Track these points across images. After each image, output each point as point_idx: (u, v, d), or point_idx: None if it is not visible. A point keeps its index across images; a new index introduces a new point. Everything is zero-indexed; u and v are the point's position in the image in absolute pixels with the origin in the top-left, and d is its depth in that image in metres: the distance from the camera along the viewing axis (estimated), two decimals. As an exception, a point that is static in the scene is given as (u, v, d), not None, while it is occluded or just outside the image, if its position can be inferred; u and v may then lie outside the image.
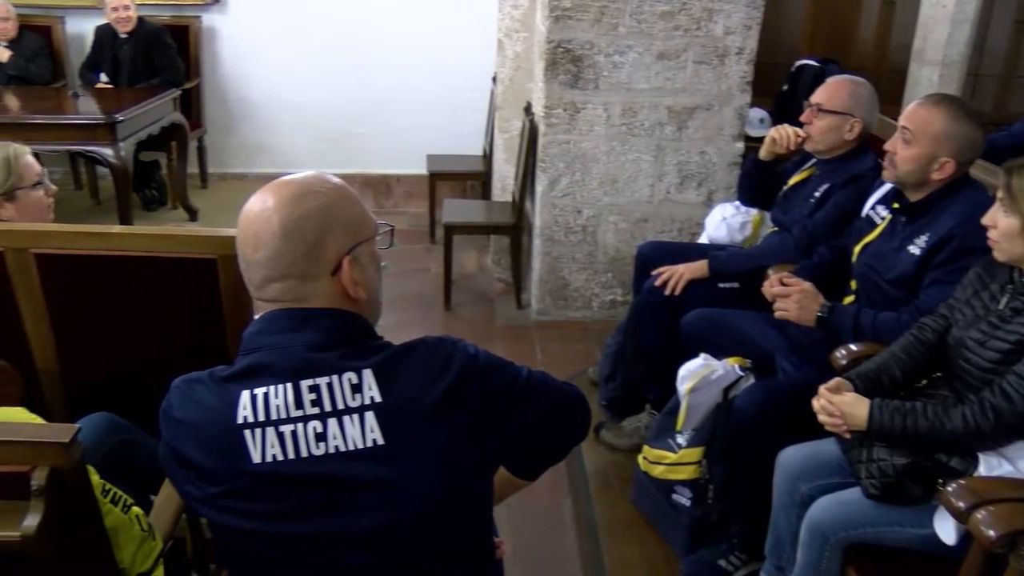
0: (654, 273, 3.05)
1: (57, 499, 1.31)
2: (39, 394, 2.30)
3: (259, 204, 1.27)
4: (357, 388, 1.23)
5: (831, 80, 2.94)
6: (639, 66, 3.89)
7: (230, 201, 5.77)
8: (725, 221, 3.48)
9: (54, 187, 2.60)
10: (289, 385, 1.23)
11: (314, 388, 1.23)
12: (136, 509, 1.66)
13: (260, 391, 1.23)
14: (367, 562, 1.26)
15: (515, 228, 4.40)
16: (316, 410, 1.23)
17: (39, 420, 1.59)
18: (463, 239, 4.66)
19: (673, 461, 2.64)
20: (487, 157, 5.35)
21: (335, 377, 1.24)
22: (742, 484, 2.48)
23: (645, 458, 2.76)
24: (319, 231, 1.26)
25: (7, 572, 1.36)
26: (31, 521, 1.29)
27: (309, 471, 1.22)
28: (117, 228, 2.20)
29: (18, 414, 1.61)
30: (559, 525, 2.92)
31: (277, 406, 1.23)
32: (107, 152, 4.53)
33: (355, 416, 1.23)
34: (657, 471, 2.70)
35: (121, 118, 4.51)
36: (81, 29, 5.91)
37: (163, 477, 1.90)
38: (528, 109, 4.33)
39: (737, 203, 3.49)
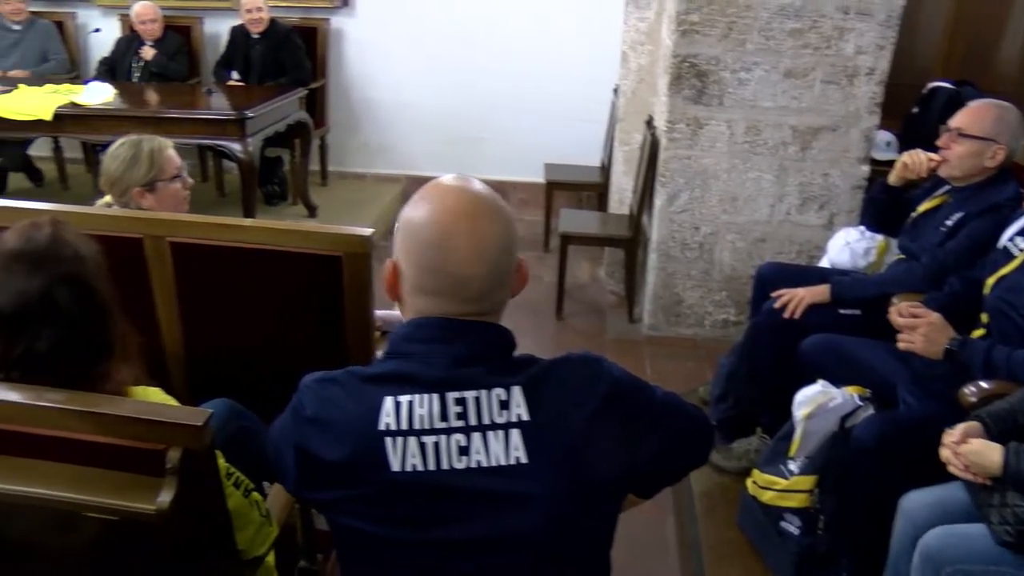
0: (773, 295, 2.99)
1: (188, 478, 1.35)
2: (165, 375, 2.38)
3: (470, 217, 1.25)
4: (505, 405, 1.23)
5: (975, 104, 2.82)
6: (765, 83, 3.82)
7: (349, 199, 5.92)
8: (849, 246, 3.39)
9: (191, 180, 2.71)
10: (436, 396, 1.23)
11: (460, 401, 1.23)
12: (256, 495, 1.71)
13: (405, 399, 1.23)
14: (492, 571, 1.26)
15: (631, 241, 4.38)
16: (461, 423, 1.22)
17: (174, 402, 1.65)
18: (577, 249, 4.66)
19: (784, 488, 2.58)
20: (605, 169, 5.33)
21: (483, 392, 1.23)
22: (855, 518, 2.40)
23: (754, 482, 2.71)
24: (515, 245, 1.30)
25: (140, 542, 1.41)
26: (164, 497, 1.33)
27: (448, 484, 1.22)
28: (249, 221, 2.27)
29: (156, 394, 1.67)
30: (661, 543, 2.88)
31: (421, 416, 1.22)
32: (235, 147, 4.68)
33: (500, 432, 1.22)
34: (766, 496, 2.64)
35: (250, 115, 4.66)
36: (217, 29, 6.15)
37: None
38: (650, 123, 4.30)
39: (862, 228, 3.39)
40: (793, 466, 2.57)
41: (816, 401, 2.53)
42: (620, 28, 4.75)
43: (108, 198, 2.64)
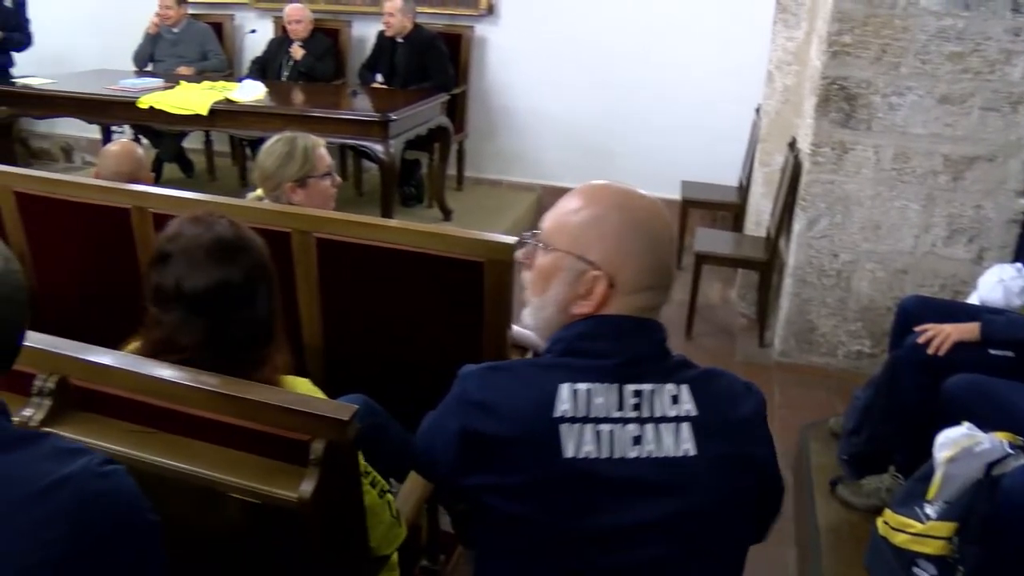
0: (917, 329, 2.87)
1: (329, 471, 1.38)
2: (303, 368, 2.45)
3: (660, 215, 1.37)
4: (675, 400, 1.30)
5: None
6: (918, 109, 3.68)
7: (483, 205, 5.98)
8: (1002, 283, 3.22)
9: (339, 179, 2.79)
10: (614, 386, 1.28)
11: (637, 393, 1.29)
12: (389, 496, 1.73)
13: (583, 387, 1.28)
14: (645, 558, 1.28)
15: (766, 265, 4.29)
16: (635, 414, 1.28)
17: (320, 393, 1.70)
18: (710, 269, 4.59)
19: (919, 532, 2.47)
20: (743, 189, 5.24)
21: (658, 386, 1.30)
22: (1002, 573, 2.28)
23: (886, 522, 2.60)
24: None
25: (278, 529, 1.45)
26: (307, 487, 1.37)
27: (620, 472, 1.26)
28: (394, 222, 2.32)
29: (304, 384, 1.72)
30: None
31: (598, 404, 1.27)
32: (378, 148, 4.79)
33: (671, 425, 1.28)
34: (899, 539, 2.53)
35: (394, 117, 4.77)
36: (364, 33, 6.34)
37: (406, 464, 2.00)
38: (793, 145, 4.21)
39: (1019, 265, 3.22)
40: (930, 510, 2.46)
41: (960, 444, 2.41)
42: (767, 47, 4.67)
43: (259, 191, 2.74)
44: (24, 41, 6.17)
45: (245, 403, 1.41)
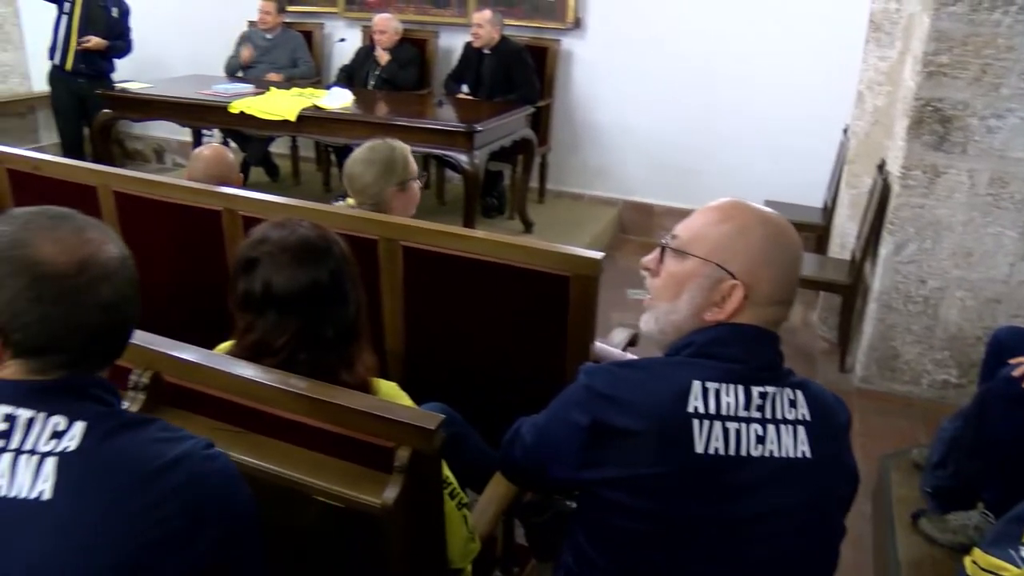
0: (1012, 362, 2.77)
1: (413, 479, 1.39)
2: (384, 373, 2.47)
3: (795, 233, 1.44)
4: (793, 404, 1.36)
5: None
6: (1019, 132, 3.56)
7: (565, 218, 5.98)
8: (1102, 317, 3.11)
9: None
10: (741, 387, 1.34)
11: (763, 395, 1.34)
12: (466, 510, 1.74)
13: (712, 385, 1.33)
14: (768, 552, 1.35)
15: (850, 288, 4.19)
16: (759, 415, 1.34)
17: (407, 398, 1.72)
18: (791, 290, 4.50)
19: None
20: (828, 211, 5.15)
21: (779, 390, 1.36)
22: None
23: (975, 562, 2.50)
24: None
25: (362, 534, 1.46)
26: (390, 493, 1.38)
27: (744, 469, 1.31)
28: (481, 233, 2.33)
29: (392, 388, 1.74)
30: (860, 609, 2.74)
31: (728, 403, 1.33)
32: (463, 158, 4.81)
33: (790, 427, 1.35)
34: (989, 580, 2.45)
35: (480, 128, 4.79)
36: (451, 43, 6.39)
37: (484, 475, 2.00)
38: (882, 167, 4.11)
39: (1120, 299, 3.11)
40: (1025, 551, 2.38)
41: (1057, 483, 2.33)
42: (857, 67, 4.58)
43: (351, 200, 2.77)
44: (125, 48, 6.41)
45: (332, 407, 1.43)
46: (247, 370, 1.55)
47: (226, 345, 1.75)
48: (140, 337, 1.57)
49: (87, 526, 1.11)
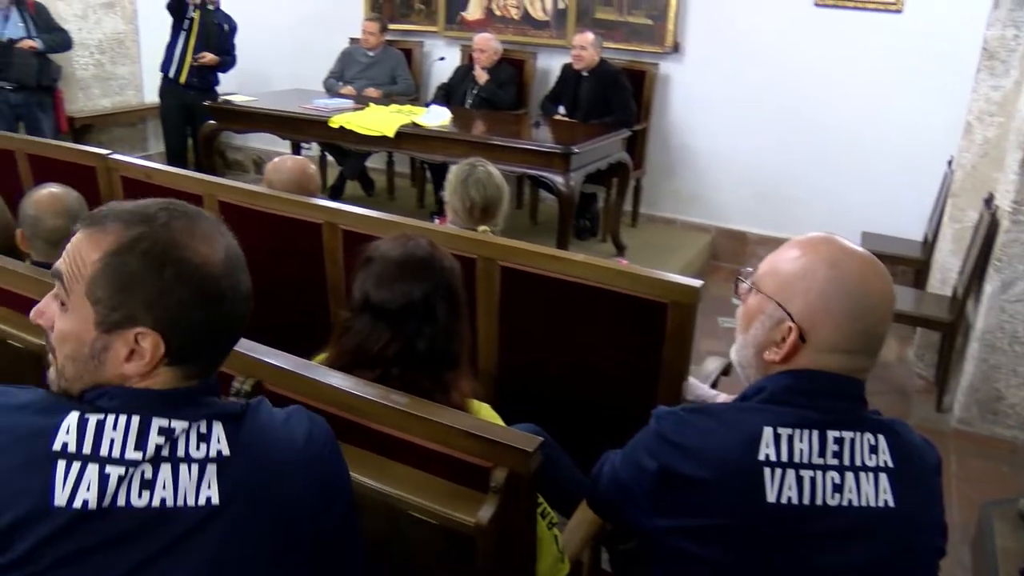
0: None
1: (508, 500, 1.39)
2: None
3: (876, 281, 1.32)
4: (874, 449, 1.29)
5: None
6: None
7: (657, 243, 5.94)
8: None
9: None
10: (816, 432, 1.28)
11: (839, 440, 1.28)
12: (556, 530, 1.73)
13: (785, 431, 1.27)
14: None
15: (951, 326, 4.06)
16: (836, 461, 1.27)
17: (499, 420, 1.72)
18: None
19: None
20: (928, 244, 5.01)
21: (858, 435, 1.29)
22: None
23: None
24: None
25: (454, 551, 1.46)
26: (485, 513, 1.38)
27: (820, 519, 1.25)
28: (579, 256, 2.32)
29: (487, 411, 1.75)
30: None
31: (801, 450, 1.26)
32: (558, 180, 4.80)
33: (870, 475, 1.28)
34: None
35: (577, 150, 4.77)
36: (549, 64, 6.42)
37: (573, 499, 1.99)
38: (990, 201, 3.98)
39: None
40: None
41: None
42: (967, 96, 4.45)
43: (485, 227, 2.79)
44: (231, 63, 6.68)
45: (433, 425, 1.44)
46: (347, 382, 1.57)
47: (321, 356, 1.79)
48: (243, 345, 1.60)
49: (260, 520, 1.14)
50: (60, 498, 1.06)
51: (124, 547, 1.07)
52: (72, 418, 1.10)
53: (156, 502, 1.09)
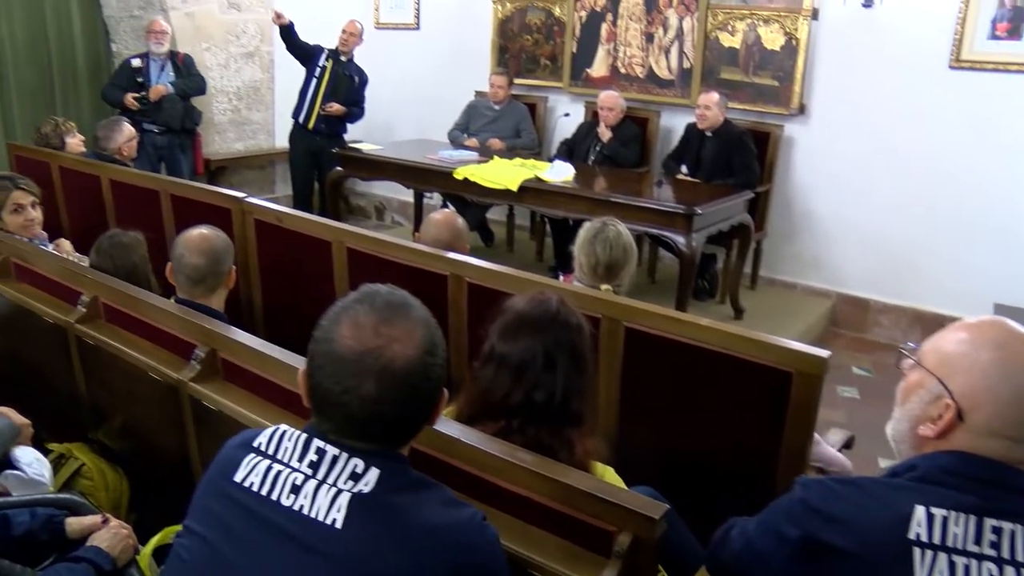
0: None
1: (631, 565, 1.39)
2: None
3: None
4: None
5: None
6: None
7: (776, 307, 5.83)
8: None
9: None
10: (973, 518, 1.22)
11: (997, 531, 1.21)
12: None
13: (939, 512, 1.22)
14: None
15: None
16: (993, 552, 1.20)
17: (622, 483, 1.72)
18: None
19: None
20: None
21: (1019, 527, 1.21)
22: None
23: None
24: None
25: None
26: (607, 577, 1.38)
27: None
28: (706, 321, 2.31)
29: (610, 474, 1.76)
30: None
31: (955, 534, 1.21)
32: (680, 240, 4.77)
33: None
34: None
35: (699, 211, 4.74)
36: (672, 124, 6.42)
37: (688, 566, 1.96)
38: None
39: None
40: None
41: None
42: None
43: (606, 286, 2.82)
44: (359, 114, 6.99)
45: (558, 485, 1.45)
46: (473, 436, 1.60)
47: (450, 409, 1.82)
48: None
49: (365, 562, 1.20)
50: None
51: None
52: None
53: None
